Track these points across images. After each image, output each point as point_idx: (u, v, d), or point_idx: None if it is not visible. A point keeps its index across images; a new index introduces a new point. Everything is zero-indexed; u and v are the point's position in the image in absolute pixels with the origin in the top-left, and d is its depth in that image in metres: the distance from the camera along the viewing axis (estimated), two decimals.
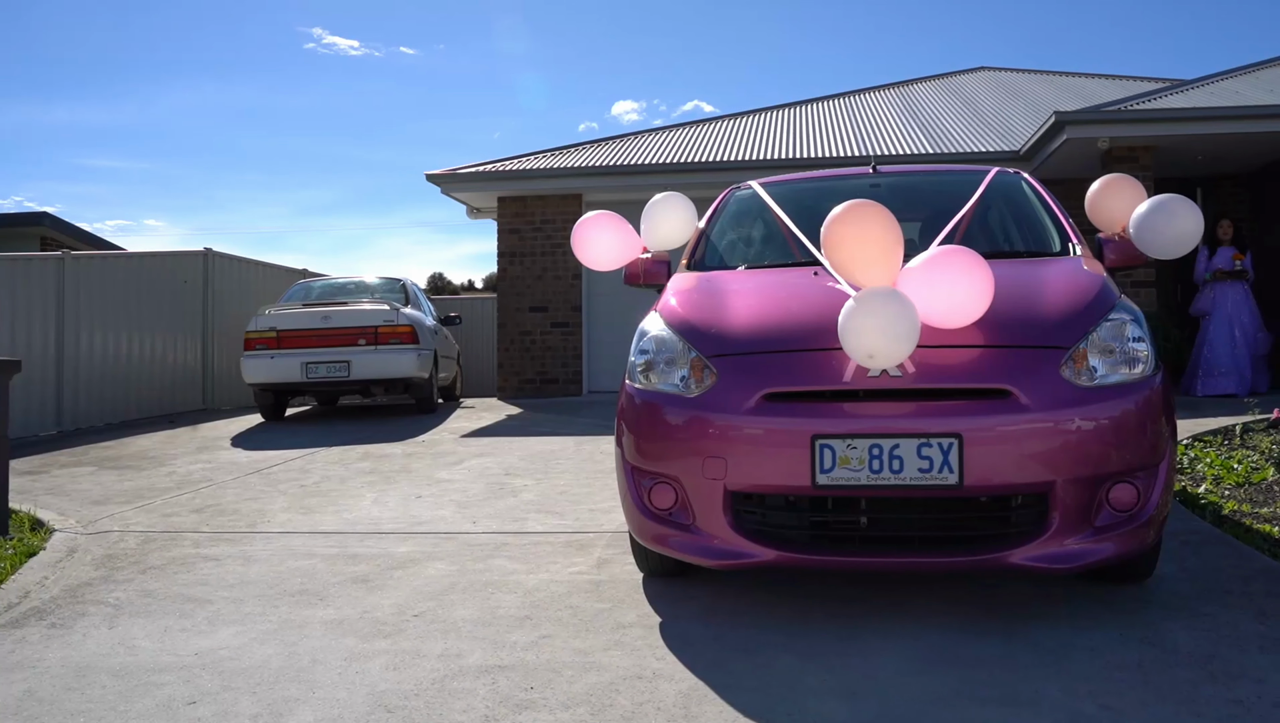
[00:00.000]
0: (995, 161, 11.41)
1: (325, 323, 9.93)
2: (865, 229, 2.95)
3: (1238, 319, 10.12)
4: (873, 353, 2.79)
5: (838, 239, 3.00)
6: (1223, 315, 10.15)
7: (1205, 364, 10.19)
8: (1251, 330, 10.15)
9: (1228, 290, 10.16)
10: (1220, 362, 10.11)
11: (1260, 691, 2.52)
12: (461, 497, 5.58)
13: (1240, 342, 10.10)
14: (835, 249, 3.01)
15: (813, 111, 16.01)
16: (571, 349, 12.82)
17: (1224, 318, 10.14)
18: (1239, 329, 10.11)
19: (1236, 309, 10.13)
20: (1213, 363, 10.14)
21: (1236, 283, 10.17)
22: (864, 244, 2.95)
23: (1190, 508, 4.82)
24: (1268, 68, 12.60)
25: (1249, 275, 10.21)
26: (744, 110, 16.32)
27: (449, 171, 12.92)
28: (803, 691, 2.59)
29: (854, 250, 2.96)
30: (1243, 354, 10.07)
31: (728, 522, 3.03)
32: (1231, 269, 10.11)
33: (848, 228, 2.98)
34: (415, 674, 2.81)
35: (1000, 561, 2.91)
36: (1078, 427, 2.90)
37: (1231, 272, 10.11)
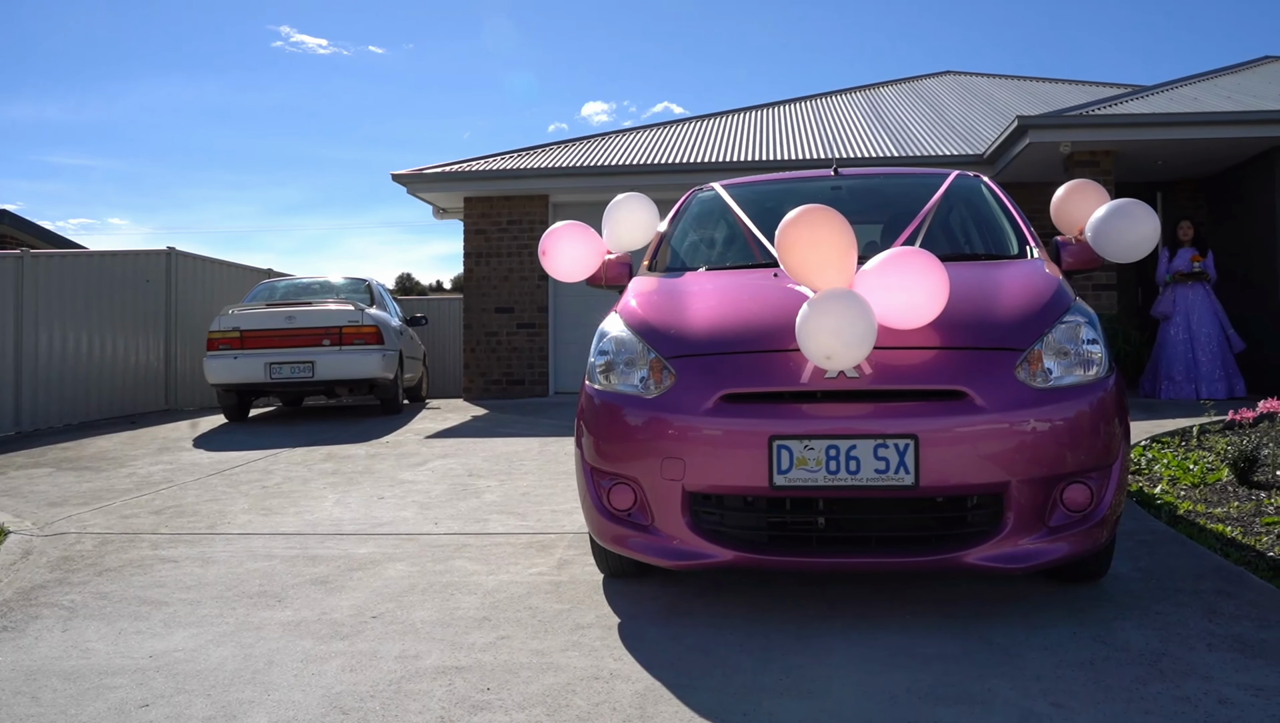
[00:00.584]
0: (960, 165, 11.52)
1: (289, 323, 9.86)
2: (818, 234, 2.97)
3: (1197, 321, 10.01)
4: (830, 354, 2.80)
5: (790, 243, 3.01)
6: (1181, 318, 10.08)
7: (1162, 367, 10.14)
8: (1215, 332, 10.01)
9: (1187, 292, 10.08)
10: (1175, 365, 10.04)
11: (1206, 688, 2.56)
12: (424, 498, 5.56)
13: (1203, 344, 9.96)
14: (789, 253, 3.02)
15: (780, 114, 16.08)
16: (537, 350, 12.81)
17: (1182, 320, 10.06)
18: (1199, 331, 9.98)
19: (1196, 311, 10.03)
20: (1169, 366, 10.09)
21: (1197, 285, 10.08)
22: (817, 249, 2.96)
23: (1146, 508, 4.88)
24: (1225, 75, 12.80)
25: (1209, 277, 10.12)
26: (712, 112, 16.37)
27: (415, 172, 12.87)
28: (758, 691, 2.61)
29: (807, 255, 2.98)
30: (1206, 357, 9.93)
31: (686, 522, 3.04)
32: (1190, 271, 10.04)
33: (800, 232, 2.99)
34: (372, 676, 2.80)
35: (956, 560, 2.94)
36: (1032, 428, 2.93)
37: (1190, 273, 10.04)
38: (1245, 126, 10.10)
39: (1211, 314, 10.06)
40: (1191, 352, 10.00)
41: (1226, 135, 10.22)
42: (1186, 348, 10.02)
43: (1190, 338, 10.04)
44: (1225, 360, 9.96)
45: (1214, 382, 9.86)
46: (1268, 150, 10.61)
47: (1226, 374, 9.95)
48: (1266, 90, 11.39)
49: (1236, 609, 3.19)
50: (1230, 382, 9.90)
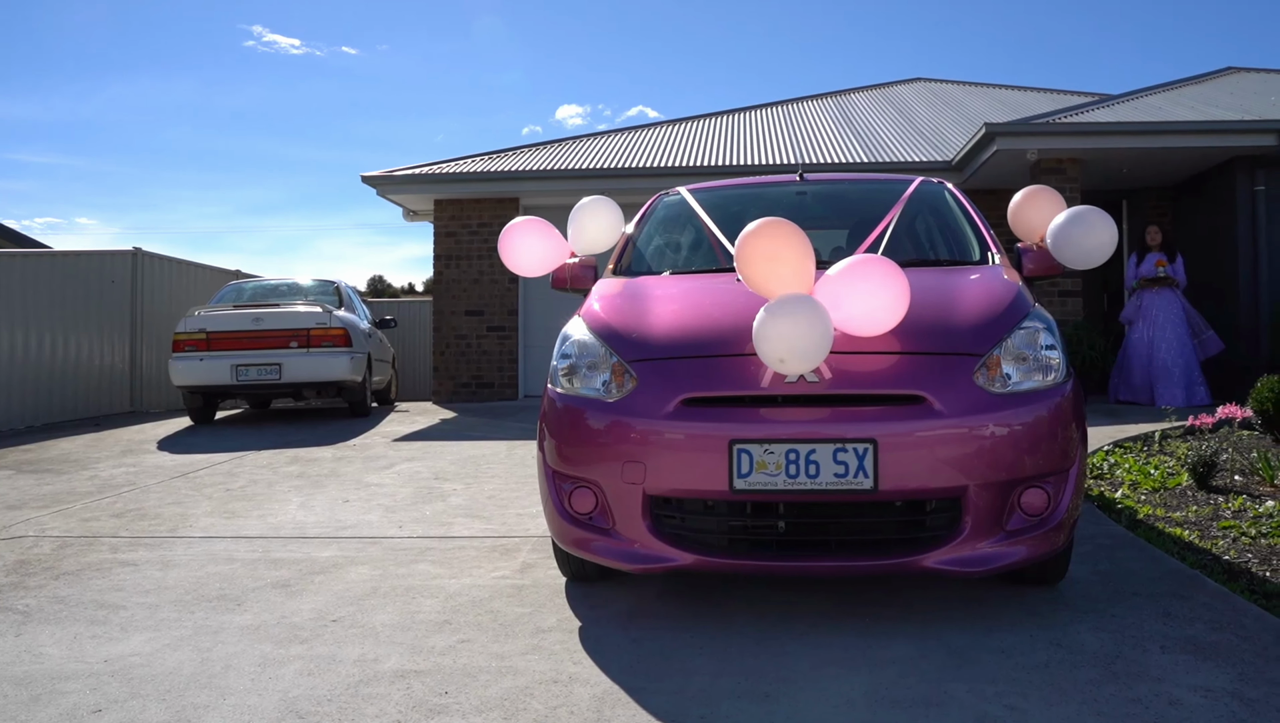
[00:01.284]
0: (929, 171, 11.60)
1: (256, 325, 9.79)
2: (774, 248, 2.98)
3: (1160, 326, 9.88)
4: (784, 358, 2.81)
5: (747, 257, 3.03)
6: (1145, 323, 9.97)
7: (1123, 371, 10.11)
8: (1179, 338, 9.85)
9: (1154, 298, 9.99)
10: (1135, 369, 9.98)
11: (1158, 689, 2.59)
12: (389, 501, 5.54)
13: (1164, 349, 9.83)
14: (746, 266, 3.04)
15: (752, 119, 16.13)
16: (507, 353, 12.79)
17: (1146, 325, 9.96)
18: (1160, 337, 9.85)
19: (1160, 316, 9.91)
20: (1128, 370, 10.04)
21: (1164, 290, 9.97)
22: (774, 262, 2.98)
23: (1107, 512, 4.93)
24: (1189, 85, 12.96)
25: (1176, 282, 9.99)
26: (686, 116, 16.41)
27: (385, 174, 12.82)
28: (716, 694, 2.61)
29: (764, 268, 2.99)
30: (1166, 363, 9.80)
31: (647, 526, 3.04)
32: (1154, 275, 9.97)
33: (757, 246, 3.01)
34: (330, 680, 2.79)
35: (914, 564, 2.95)
36: (990, 432, 2.95)
37: (1155, 279, 9.96)
38: (1207, 136, 10.23)
39: (1176, 320, 9.92)
40: (1151, 357, 9.90)
41: (1189, 144, 10.34)
42: (1148, 353, 9.92)
43: (1151, 343, 9.92)
44: (1188, 367, 9.81)
45: (1172, 388, 9.74)
46: (1229, 160, 10.75)
47: (1187, 381, 9.79)
48: (1228, 101, 11.55)
49: (1190, 612, 3.23)
50: (1191, 389, 9.75)
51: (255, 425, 9.98)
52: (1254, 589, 3.62)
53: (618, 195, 10.62)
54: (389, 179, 12.76)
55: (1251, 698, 2.53)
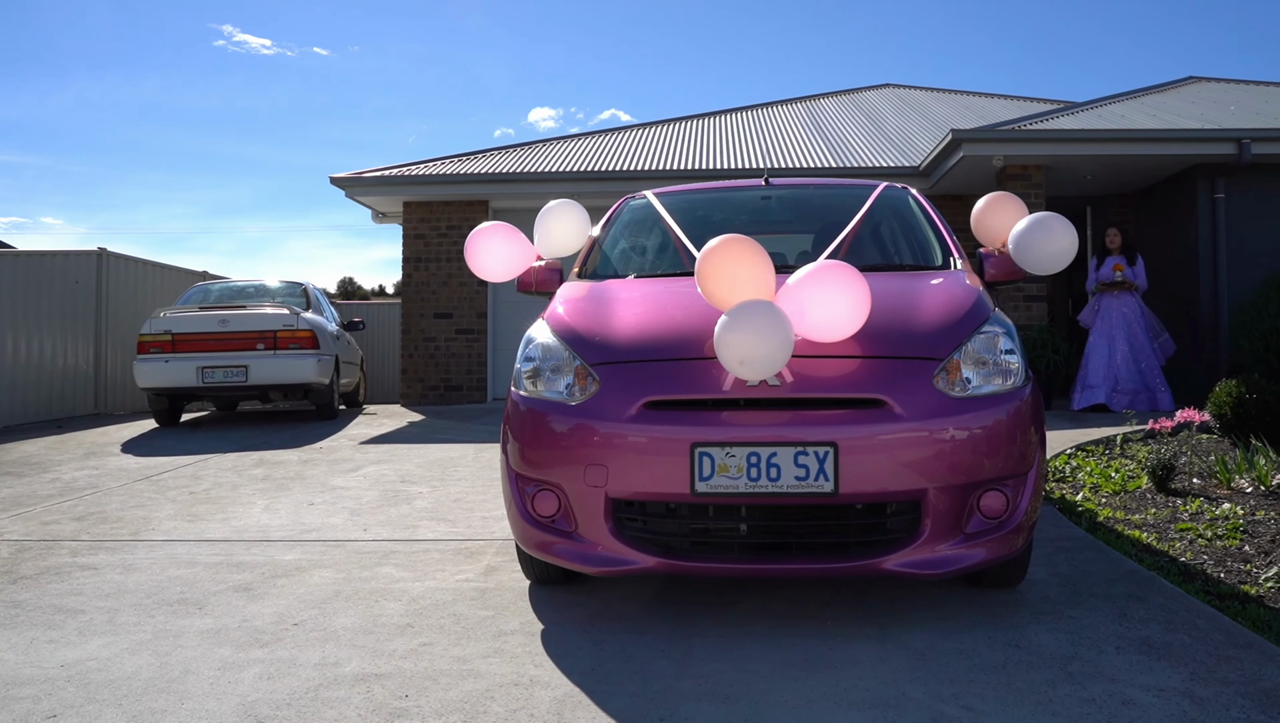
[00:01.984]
0: (896, 177, 11.69)
1: (223, 327, 9.73)
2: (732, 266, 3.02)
3: (1119, 330, 9.80)
4: (744, 361, 2.83)
5: (707, 275, 3.05)
6: (1104, 327, 9.90)
7: (1081, 375, 9.99)
8: (1138, 342, 9.77)
9: (1112, 302, 9.92)
10: (1093, 374, 9.85)
11: (1111, 689, 2.63)
12: (355, 504, 5.52)
13: (1123, 354, 9.74)
14: (705, 282, 3.07)
15: (723, 123, 16.19)
16: (476, 356, 12.76)
17: (1104, 329, 9.88)
18: (1119, 341, 9.77)
19: (1118, 320, 9.83)
20: (1086, 375, 9.92)
21: (1123, 294, 9.90)
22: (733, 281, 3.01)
23: (1068, 515, 4.98)
24: (1152, 94, 13.13)
25: (1135, 285, 9.90)
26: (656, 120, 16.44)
27: (354, 175, 12.77)
28: (677, 696, 2.62)
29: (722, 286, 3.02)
30: (1125, 367, 9.73)
31: (609, 529, 3.05)
32: (1113, 279, 9.87)
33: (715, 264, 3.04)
34: (289, 684, 2.78)
35: (874, 567, 2.98)
36: (950, 436, 2.98)
37: (1113, 282, 9.87)
38: (1169, 144, 10.36)
39: (1135, 324, 9.86)
40: (1111, 361, 9.81)
41: (1152, 152, 10.47)
42: (1107, 357, 9.83)
43: (1110, 347, 9.84)
44: (1148, 372, 9.77)
45: (1132, 393, 9.70)
46: (1190, 168, 10.89)
47: (1148, 386, 9.74)
48: (1189, 110, 11.71)
49: (1146, 613, 3.27)
50: (1153, 394, 9.71)
51: (221, 428, 9.91)
52: (1208, 591, 3.68)
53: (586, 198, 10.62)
54: (358, 181, 12.71)
55: (1202, 697, 2.57)
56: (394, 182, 12.70)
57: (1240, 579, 3.82)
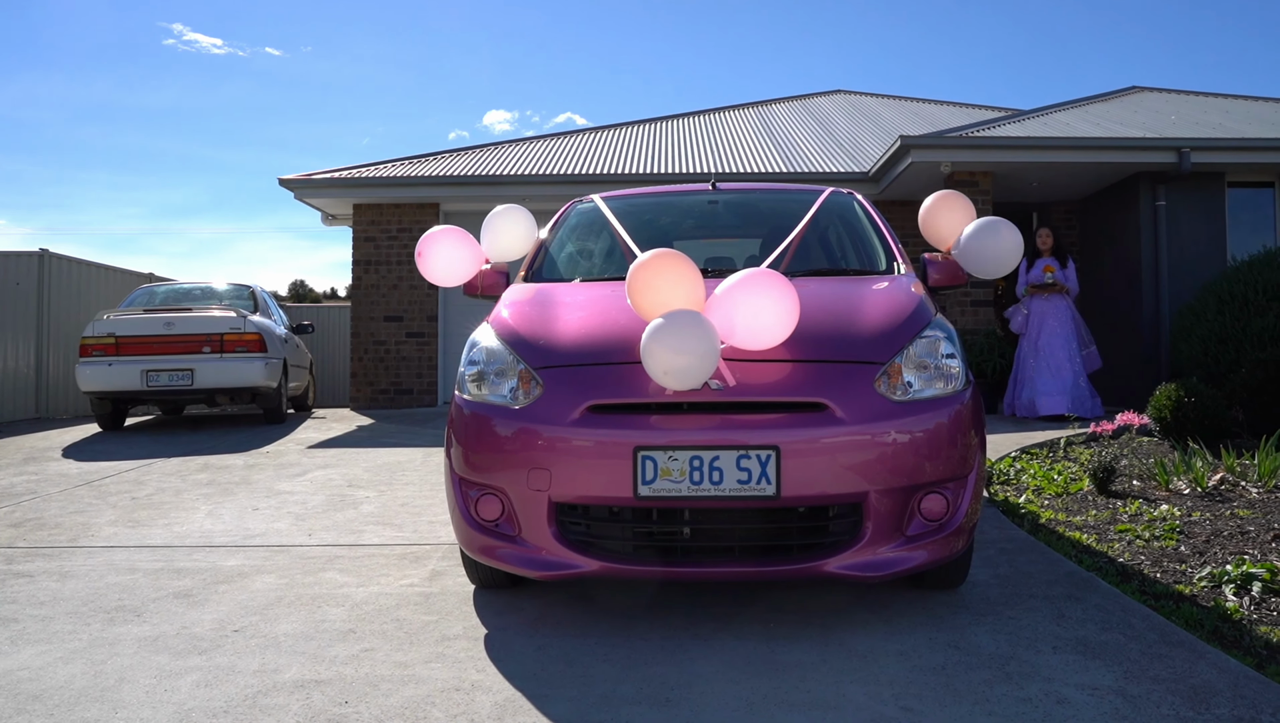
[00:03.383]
0: (846, 182, 11.79)
1: (168, 330, 9.60)
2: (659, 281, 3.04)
3: (1048, 335, 9.58)
4: (668, 371, 2.85)
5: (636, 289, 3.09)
6: (1032, 330, 9.71)
7: (1012, 381, 9.83)
8: (1067, 347, 9.55)
9: (1042, 305, 9.70)
10: (1023, 379, 9.68)
11: (1047, 688, 2.67)
12: (300, 509, 5.46)
13: (1051, 359, 9.50)
14: (633, 296, 3.10)
15: (675, 127, 16.24)
16: (426, 360, 12.69)
17: (1033, 333, 9.69)
18: (1047, 346, 9.54)
19: (1047, 324, 9.62)
20: (1017, 381, 9.77)
21: (1053, 297, 9.69)
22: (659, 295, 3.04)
23: (1011, 517, 5.05)
24: (1096, 103, 13.35)
25: (1067, 289, 9.70)
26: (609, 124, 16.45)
27: (303, 177, 12.64)
28: (618, 700, 2.62)
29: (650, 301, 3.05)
30: (1053, 372, 9.47)
31: (552, 533, 3.05)
32: (1043, 281, 9.67)
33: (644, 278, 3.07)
34: (227, 691, 2.74)
35: (816, 569, 3.00)
36: (892, 439, 3.01)
37: (1043, 285, 9.67)
38: (1112, 152, 10.55)
39: (1065, 328, 9.65)
40: (1038, 367, 9.60)
41: (1096, 160, 10.66)
42: (1034, 363, 9.63)
43: (1037, 352, 9.64)
44: (1077, 378, 9.55)
45: (1059, 397, 9.43)
46: (1133, 175, 11.09)
47: (1077, 392, 9.48)
48: (1132, 119, 11.92)
49: (1083, 613, 3.33)
50: (1081, 401, 9.45)
51: (166, 432, 9.77)
52: (1144, 590, 3.75)
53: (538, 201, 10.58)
54: (307, 182, 12.59)
55: (1134, 694, 2.61)
56: (344, 184, 12.60)
57: (1175, 579, 3.89)
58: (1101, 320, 11.98)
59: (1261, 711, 2.50)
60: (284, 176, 12.57)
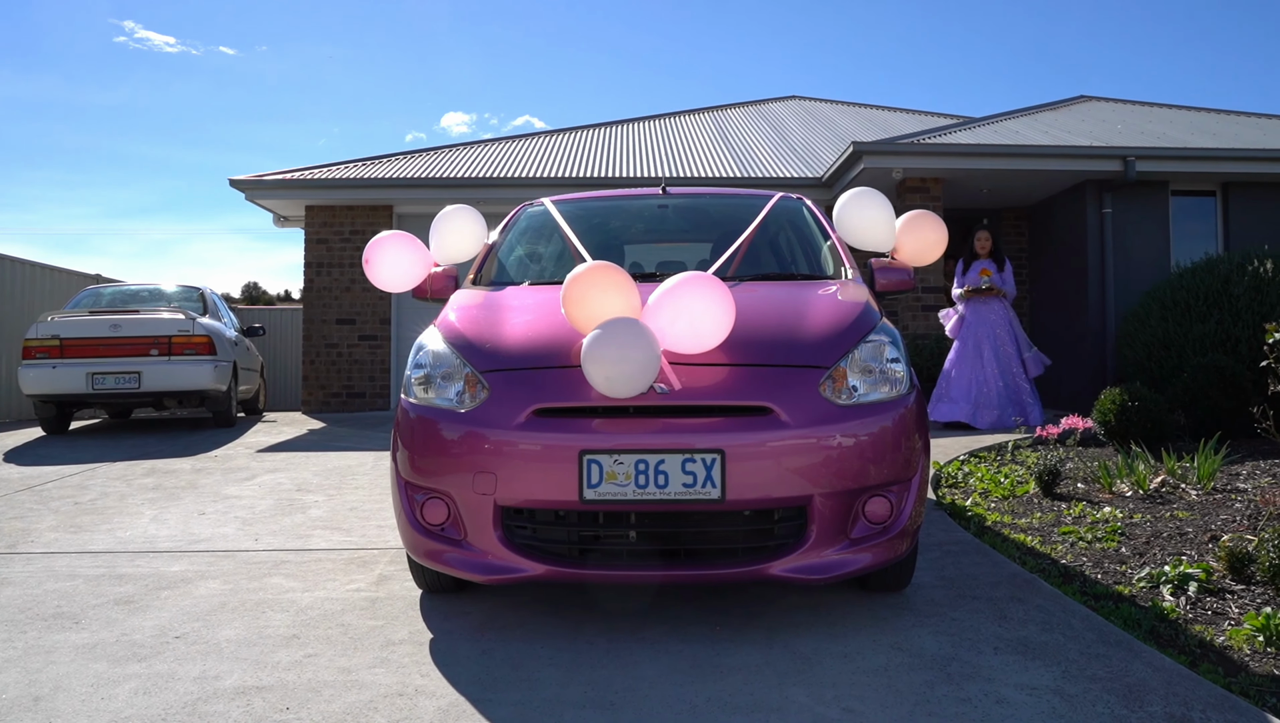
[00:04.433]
0: (800, 187, 11.87)
1: (114, 332, 9.45)
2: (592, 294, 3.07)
3: (987, 341, 9.18)
4: (609, 379, 2.86)
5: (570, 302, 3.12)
6: (970, 336, 9.27)
7: (940, 387, 9.34)
8: (1010, 352, 9.17)
9: (980, 309, 9.29)
10: (955, 387, 9.22)
11: (987, 689, 2.70)
12: (247, 514, 5.40)
13: (989, 364, 9.10)
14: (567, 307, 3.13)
15: (631, 131, 16.26)
16: (379, 363, 12.60)
17: (970, 339, 9.26)
18: (985, 350, 9.14)
19: (988, 329, 9.22)
20: (947, 385, 9.29)
21: (991, 300, 9.29)
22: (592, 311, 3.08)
23: (957, 520, 5.10)
24: (1045, 111, 13.55)
25: (1004, 292, 9.30)
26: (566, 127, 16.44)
27: (254, 178, 12.51)
28: (562, 704, 2.62)
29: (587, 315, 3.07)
30: (991, 379, 9.08)
31: (498, 537, 3.04)
32: (979, 285, 9.26)
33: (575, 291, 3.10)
34: (166, 698, 2.70)
35: (761, 572, 3.01)
36: (836, 443, 3.03)
37: (978, 289, 9.27)
38: (1060, 160, 10.71)
39: (1003, 333, 9.25)
40: (976, 375, 9.16)
41: (1044, 167, 10.81)
42: (971, 368, 9.19)
43: (976, 357, 9.21)
44: (1015, 385, 9.17)
45: (1000, 408, 9.06)
46: (1081, 183, 11.27)
47: (1016, 401, 9.12)
48: (1080, 127, 12.11)
49: (1025, 614, 3.37)
50: (1022, 410, 9.07)
51: (112, 436, 9.62)
52: (1085, 591, 3.80)
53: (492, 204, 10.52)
54: (258, 183, 12.46)
55: (1071, 694, 2.65)
56: (295, 185, 12.48)
57: (1116, 580, 3.95)
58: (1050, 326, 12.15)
59: (1192, 707, 2.55)
60: (235, 177, 12.43)
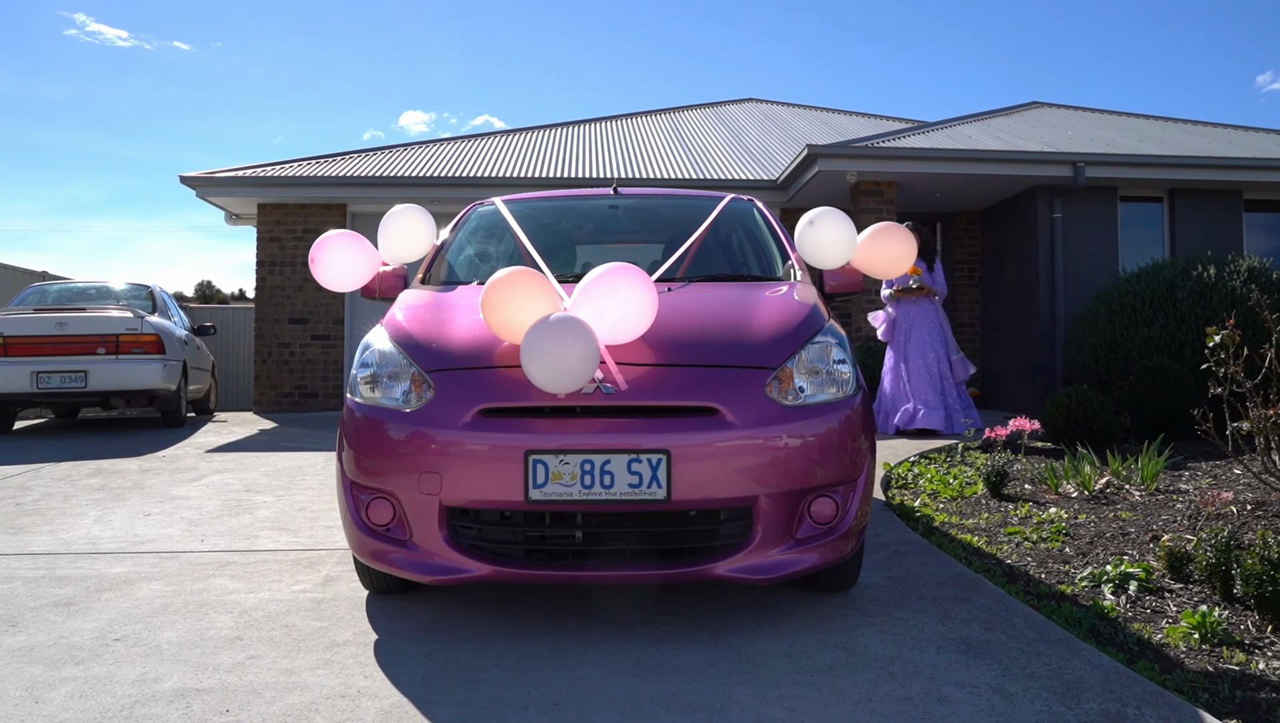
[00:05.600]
0: (755, 189, 11.93)
1: (60, 330, 9.30)
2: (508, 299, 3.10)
3: (915, 342, 8.93)
4: (551, 378, 2.87)
5: (487, 308, 3.15)
6: (900, 338, 9.07)
7: (879, 398, 9.14)
8: (939, 354, 8.91)
9: (910, 309, 9.05)
10: (884, 393, 9.09)
11: (929, 687, 2.73)
12: (194, 514, 5.33)
13: (919, 368, 8.86)
14: (486, 313, 3.16)
15: (588, 132, 16.25)
16: (332, 362, 12.50)
17: (900, 340, 9.06)
18: (915, 353, 8.90)
19: (915, 331, 8.96)
20: (881, 395, 9.13)
21: (921, 301, 9.04)
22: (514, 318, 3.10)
23: (906, 521, 5.14)
24: (998, 117, 13.71)
25: (934, 292, 9.05)
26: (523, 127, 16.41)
27: (206, 175, 12.36)
28: (505, 704, 2.61)
29: (501, 319, 3.11)
30: (921, 383, 8.82)
31: (444, 537, 3.02)
32: (908, 285, 9.00)
33: (492, 297, 3.13)
34: (103, 702, 2.66)
35: (707, 572, 3.02)
36: (782, 444, 3.04)
37: (906, 288, 9.02)
38: (1012, 165, 10.85)
39: (934, 334, 8.98)
40: (905, 377, 8.98)
41: (996, 172, 10.94)
42: (900, 372, 9.01)
43: (905, 360, 9.02)
44: (946, 388, 8.90)
45: (931, 411, 8.75)
46: (1032, 188, 11.41)
47: (946, 404, 8.85)
48: (1031, 133, 12.27)
49: (968, 613, 3.41)
50: (953, 414, 8.80)
51: (58, 436, 9.46)
52: (1029, 591, 3.85)
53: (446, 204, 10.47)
54: (210, 180, 12.31)
55: (1011, 692, 2.69)
56: (248, 183, 12.35)
57: (1059, 579, 4.01)
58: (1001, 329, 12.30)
59: (1127, 703, 2.60)
60: (185, 174, 12.28)
